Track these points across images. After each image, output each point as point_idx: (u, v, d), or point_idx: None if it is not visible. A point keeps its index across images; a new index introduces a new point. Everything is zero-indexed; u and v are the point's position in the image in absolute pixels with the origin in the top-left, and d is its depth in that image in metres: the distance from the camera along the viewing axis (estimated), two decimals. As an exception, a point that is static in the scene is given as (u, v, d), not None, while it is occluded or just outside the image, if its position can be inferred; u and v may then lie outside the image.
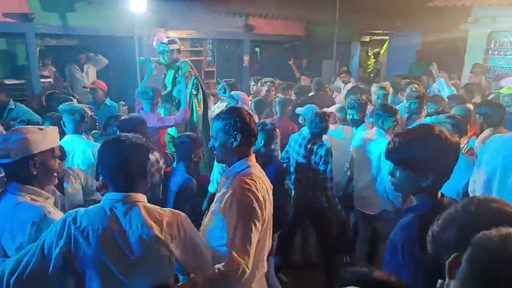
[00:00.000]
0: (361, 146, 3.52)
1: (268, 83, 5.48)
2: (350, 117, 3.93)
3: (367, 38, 12.13)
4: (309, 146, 3.48)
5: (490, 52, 7.77)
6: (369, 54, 12.84)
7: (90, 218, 1.57)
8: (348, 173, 3.77)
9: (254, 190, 1.79)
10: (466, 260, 0.88)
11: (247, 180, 1.82)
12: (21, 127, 1.88)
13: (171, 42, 4.65)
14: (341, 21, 9.02)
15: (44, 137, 1.84)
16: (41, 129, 1.87)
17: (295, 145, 3.62)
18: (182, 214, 1.71)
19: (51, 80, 6.42)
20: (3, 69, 6.65)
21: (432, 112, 4.11)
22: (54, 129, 1.94)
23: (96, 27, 6.33)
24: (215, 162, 3.42)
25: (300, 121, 4.32)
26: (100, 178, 2.67)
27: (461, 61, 8.23)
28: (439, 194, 1.58)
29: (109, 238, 1.54)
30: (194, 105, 4.68)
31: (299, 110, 4.30)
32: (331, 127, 3.87)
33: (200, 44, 8.67)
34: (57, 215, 1.76)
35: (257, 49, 10.80)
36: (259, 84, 5.85)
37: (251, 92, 6.01)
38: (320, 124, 3.47)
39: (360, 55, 12.19)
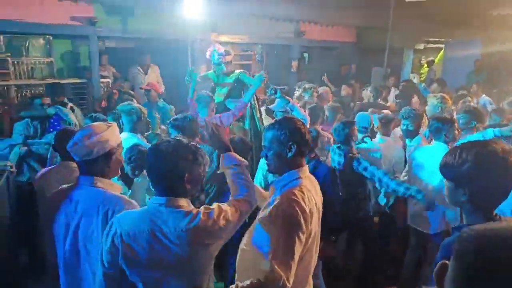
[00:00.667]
0: (420, 160, 3.42)
1: (310, 89, 5.48)
2: (404, 127, 3.81)
3: (421, 46, 11.70)
4: (349, 155, 3.43)
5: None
6: (422, 62, 12.37)
7: (135, 221, 1.64)
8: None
9: (301, 202, 1.75)
10: (454, 259, 0.84)
11: (296, 192, 1.78)
12: (91, 124, 2.01)
13: (227, 53, 4.77)
14: (395, 28, 8.78)
15: (114, 133, 1.99)
16: (108, 126, 1.99)
17: (332, 153, 3.60)
18: (226, 206, 1.74)
19: (109, 80, 6.80)
20: (67, 69, 7.15)
21: (494, 124, 3.91)
22: (115, 125, 2.06)
23: (153, 31, 6.65)
24: (259, 166, 3.49)
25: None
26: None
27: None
28: (494, 213, 1.53)
29: (152, 241, 1.60)
30: (256, 115, 4.73)
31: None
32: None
33: (250, 49, 8.82)
34: (134, 205, 1.89)
35: (306, 55, 10.78)
36: (301, 90, 5.85)
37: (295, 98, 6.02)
38: (343, 132, 3.41)
39: (413, 63, 11.79)
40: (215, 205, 1.74)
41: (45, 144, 3.83)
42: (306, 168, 1.95)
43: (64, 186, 2.00)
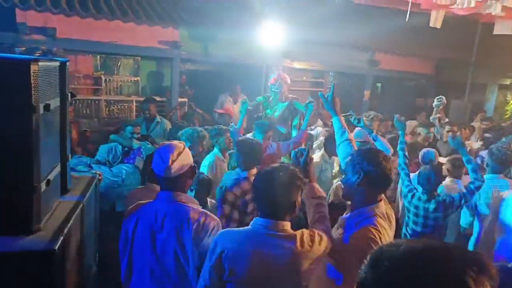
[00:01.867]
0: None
1: (372, 117, 5.38)
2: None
3: (507, 81, 10.88)
4: None
5: None
6: (508, 99, 11.46)
7: (239, 240, 1.73)
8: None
9: (378, 241, 1.75)
10: None
11: (373, 230, 1.78)
12: (173, 142, 2.12)
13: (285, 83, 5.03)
14: (478, 62, 8.31)
15: (189, 152, 2.12)
16: (183, 144, 2.11)
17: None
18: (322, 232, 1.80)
19: (186, 100, 7.23)
20: (150, 87, 7.74)
21: None
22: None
23: (230, 55, 6.99)
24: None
25: None
26: None
27: None
28: None
29: (258, 261, 1.67)
30: None
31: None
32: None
33: (322, 76, 8.86)
34: (216, 219, 2.03)
35: (379, 84, 10.56)
36: (364, 118, 5.74)
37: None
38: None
39: (497, 99, 10.98)
40: (314, 231, 1.80)
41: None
42: (381, 204, 1.92)
43: (142, 201, 2.12)
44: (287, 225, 1.74)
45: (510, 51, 8.70)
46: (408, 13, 4.97)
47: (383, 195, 2.03)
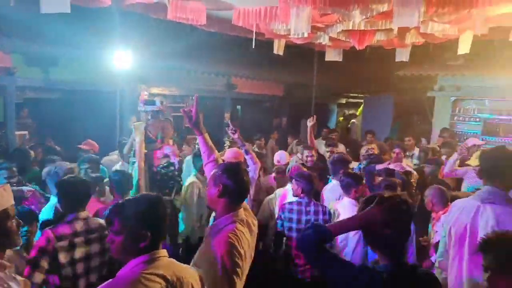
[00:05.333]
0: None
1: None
2: None
3: (343, 100, 12.70)
4: None
5: (455, 117, 8.24)
6: (346, 115, 13.40)
7: None
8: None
9: (237, 245, 1.88)
10: None
11: (231, 235, 1.90)
12: None
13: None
14: (318, 84, 9.49)
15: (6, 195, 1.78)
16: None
17: None
18: None
19: (26, 133, 6.36)
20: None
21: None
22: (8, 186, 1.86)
23: (79, 81, 6.45)
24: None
25: None
26: None
27: (430, 125, 8.66)
28: None
29: None
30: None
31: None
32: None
33: (182, 101, 8.89)
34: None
35: (239, 107, 11.13)
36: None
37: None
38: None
39: (338, 115, 12.69)
40: None
41: None
42: (240, 212, 2.08)
43: None
44: None
45: (342, 75, 10.23)
46: (254, 41, 5.36)
47: (244, 202, 2.21)
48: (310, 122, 4.45)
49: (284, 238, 3.57)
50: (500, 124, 7.66)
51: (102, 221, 2.66)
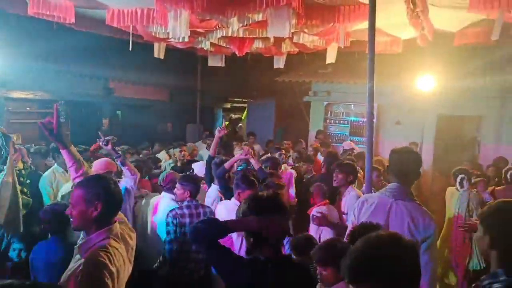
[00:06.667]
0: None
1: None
2: None
3: (228, 105, 12.98)
4: None
5: (328, 120, 9.10)
6: (232, 119, 13.72)
7: None
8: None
9: (108, 263, 1.74)
10: None
11: (102, 253, 1.76)
12: None
13: None
14: (203, 89, 9.53)
15: None
16: None
17: None
18: None
19: None
20: None
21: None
22: None
23: None
24: None
25: None
26: None
27: (308, 127, 9.42)
28: None
29: None
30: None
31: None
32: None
33: (52, 106, 8.00)
34: None
35: (119, 112, 10.50)
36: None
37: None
38: None
39: (223, 120, 12.91)
40: None
41: None
42: (115, 226, 1.93)
43: None
44: None
45: (226, 81, 10.47)
46: (131, 44, 5.10)
47: (122, 215, 2.10)
48: (218, 132, 4.38)
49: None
50: (363, 126, 8.67)
51: None
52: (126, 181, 3.62)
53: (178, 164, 5.84)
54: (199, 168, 4.70)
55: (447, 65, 7.06)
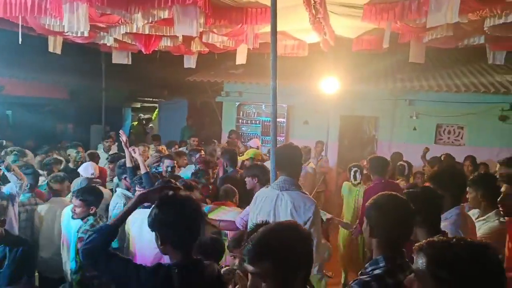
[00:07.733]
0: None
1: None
2: None
3: (138, 105, 12.39)
4: None
5: (240, 120, 9.18)
6: (142, 119, 13.12)
7: None
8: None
9: None
10: None
11: None
12: None
13: None
14: (108, 88, 8.92)
15: None
16: None
17: None
18: None
19: None
20: None
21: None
22: None
23: None
24: None
25: None
26: None
27: (221, 126, 9.40)
28: None
29: None
30: None
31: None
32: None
33: None
34: None
35: (9, 112, 9.35)
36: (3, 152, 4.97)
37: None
38: None
39: (133, 120, 12.29)
40: None
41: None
42: None
43: None
44: None
45: (135, 79, 9.94)
46: (20, 36, 4.53)
47: None
48: (121, 137, 4.04)
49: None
50: (274, 126, 8.98)
51: None
52: (10, 186, 3.48)
53: (71, 165, 5.42)
54: (83, 169, 4.44)
55: (348, 69, 7.62)
